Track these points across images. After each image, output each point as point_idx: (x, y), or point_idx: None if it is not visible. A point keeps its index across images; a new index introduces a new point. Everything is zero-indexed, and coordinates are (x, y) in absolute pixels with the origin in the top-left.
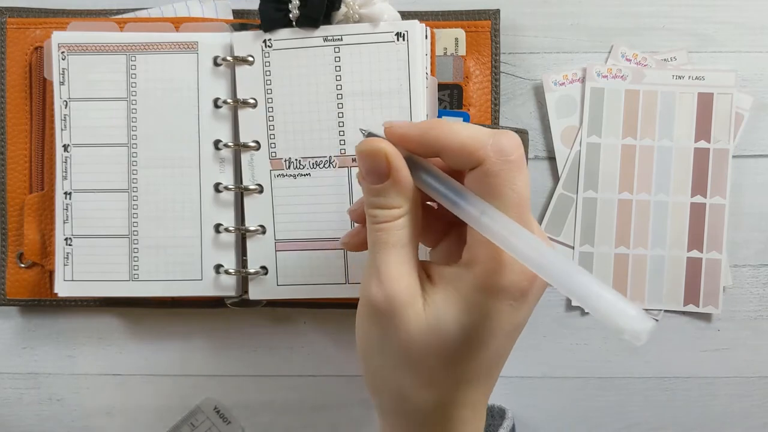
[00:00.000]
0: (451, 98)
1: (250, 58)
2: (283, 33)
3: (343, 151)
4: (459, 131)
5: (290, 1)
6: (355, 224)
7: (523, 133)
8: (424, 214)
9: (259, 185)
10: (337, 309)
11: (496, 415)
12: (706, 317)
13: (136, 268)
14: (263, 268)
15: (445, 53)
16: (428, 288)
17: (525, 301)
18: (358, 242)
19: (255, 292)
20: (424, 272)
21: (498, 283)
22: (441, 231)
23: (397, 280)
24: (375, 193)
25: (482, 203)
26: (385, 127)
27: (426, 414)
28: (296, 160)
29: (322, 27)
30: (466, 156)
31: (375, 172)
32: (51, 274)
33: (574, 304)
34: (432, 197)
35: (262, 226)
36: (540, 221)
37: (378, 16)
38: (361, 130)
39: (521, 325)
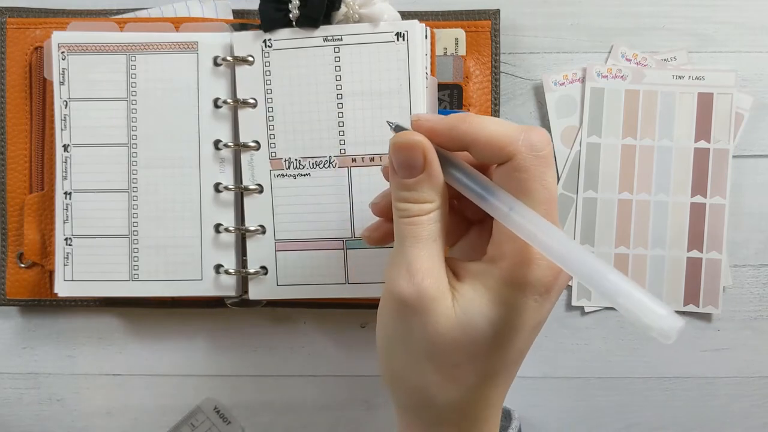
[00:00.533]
0: (451, 98)
1: (250, 58)
2: (283, 33)
3: (343, 151)
4: (488, 125)
5: (290, 1)
6: (376, 218)
7: None
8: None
9: (259, 185)
10: (337, 309)
11: (502, 416)
12: (706, 317)
13: (136, 268)
14: (263, 268)
15: (445, 53)
16: (455, 283)
17: (548, 298)
18: (379, 236)
19: (255, 292)
20: (449, 268)
21: (525, 278)
22: (461, 229)
23: (428, 274)
24: (407, 188)
25: (511, 199)
26: (413, 120)
27: (447, 410)
28: (296, 160)
29: (322, 27)
30: (497, 151)
31: (409, 166)
32: (51, 274)
33: (574, 303)
34: (460, 191)
35: (262, 226)
36: None
37: (378, 16)
38: (388, 122)
39: (543, 321)
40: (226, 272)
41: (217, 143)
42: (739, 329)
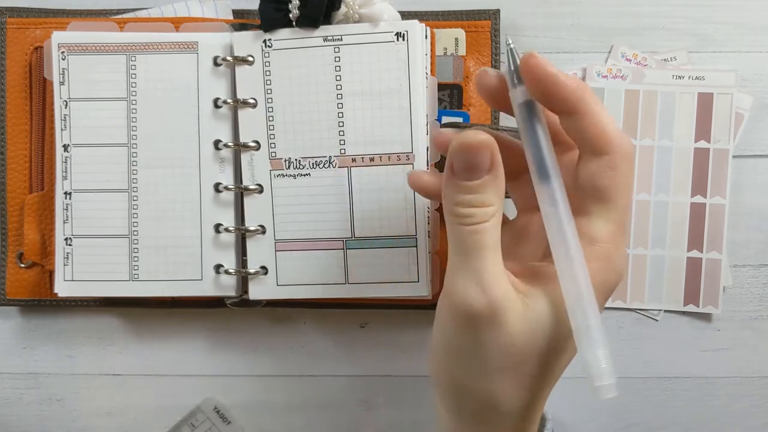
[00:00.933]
0: (451, 98)
1: (250, 58)
2: (283, 33)
3: (343, 151)
4: (603, 110)
5: (290, 1)
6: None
7: None
8: None
9: (259, 185)
10: (338, 309)
11: None
12: (706, 317)
13: (136, 268)
14: (263, 268)
15: (445, 53)
16: (521, 287)
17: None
18: (428, 185)
19: (255, 292)
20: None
21: (605, 284)
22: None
23: (498, 284)
24: (470, 191)
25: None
26: (529, 59)
27: (508, 416)
28: (296, 160)
29: (321, 27)
30: (605, 137)
31: (475, 167)
32: (51, 274)
33: None
34: (527, 159)
35: (262, 226)
36: None
37: (378, 16)
38: (507, 43)
39: None
40: (226, 272)
41: (217, 143)
42: (739, 329)
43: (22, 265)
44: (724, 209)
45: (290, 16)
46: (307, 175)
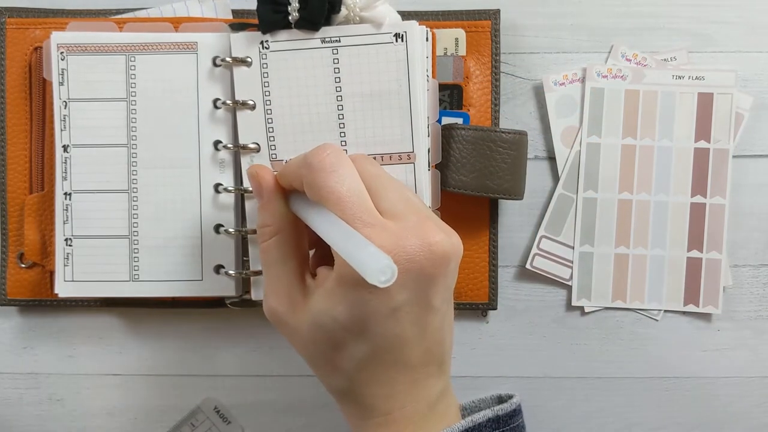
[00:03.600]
0: (451, 98)
1: (248, 60)
2: (281, 34)
3: None
4: (287, 166)
5: (289, 3)
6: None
7: (522, 134)
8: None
9: None
10: None
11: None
12: (706, 317)
13: (136, 268)
14: None
15: (445, 53)
16: (314, 290)
17: (384, 288)
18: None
19: (258, 293)
20: (311, 276)
21: (348, 274)
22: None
23: (273, 295)
24: (259, 212)
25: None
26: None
27: (343, 395)
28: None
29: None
30: (297, 180)
31: (255, 191)
32: (51, 274)
33: (574, 303)
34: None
35: None
36: (540, 221)
37: (379, 19)
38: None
39: (402, 307)
40: (227, 273)
41: (216, 144)
42: (739, 329)
43: (23, 266)
44: (724, 209)
45: (289, 18)
46: None
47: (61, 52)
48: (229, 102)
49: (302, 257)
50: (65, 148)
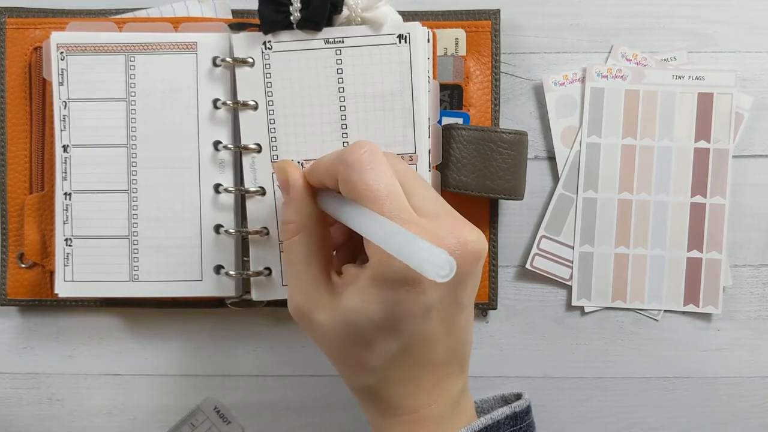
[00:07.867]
0: (451, 99)
1: (250, 60)
2: (284, 35)
3: None
4: (320, 162)
5: (291, 3)
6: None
7: (522, 135)
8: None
9: (262, 188)
10: None
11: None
12: (706, 317)
13: (136, 268)
14: (267, 269)
15: (445, 53)
16: (341, 288)
17: (420, 286)
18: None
19: (259, 294)
20: (336, 274)
21: (385, 273)
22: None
23: (298, 293)
24: (283, 207)
25: (344, 205)
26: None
27: (367, 394)
28: (299, 162)
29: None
30: (331, 176)
31: (282, 187)
32: (51, 274)
33: (574, 303)
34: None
35: (265, 228)
36: (540, 221)
37: (381, 20)
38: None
39: (435, 306)
40: (227, 273)
41: (216, 144)
42: (739, 329)
43: (23, 266)
44: (724, 209)
45: (291, 18)
46: None
47: (61, 52)
48: (229, 102)
49: (327, 255)
50: (65, 148)
